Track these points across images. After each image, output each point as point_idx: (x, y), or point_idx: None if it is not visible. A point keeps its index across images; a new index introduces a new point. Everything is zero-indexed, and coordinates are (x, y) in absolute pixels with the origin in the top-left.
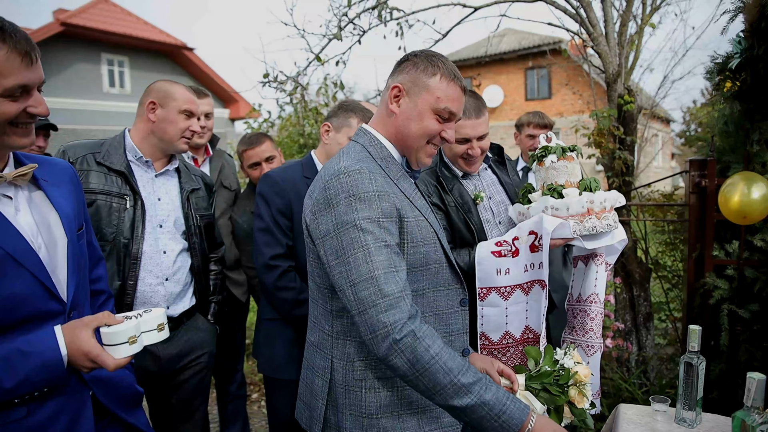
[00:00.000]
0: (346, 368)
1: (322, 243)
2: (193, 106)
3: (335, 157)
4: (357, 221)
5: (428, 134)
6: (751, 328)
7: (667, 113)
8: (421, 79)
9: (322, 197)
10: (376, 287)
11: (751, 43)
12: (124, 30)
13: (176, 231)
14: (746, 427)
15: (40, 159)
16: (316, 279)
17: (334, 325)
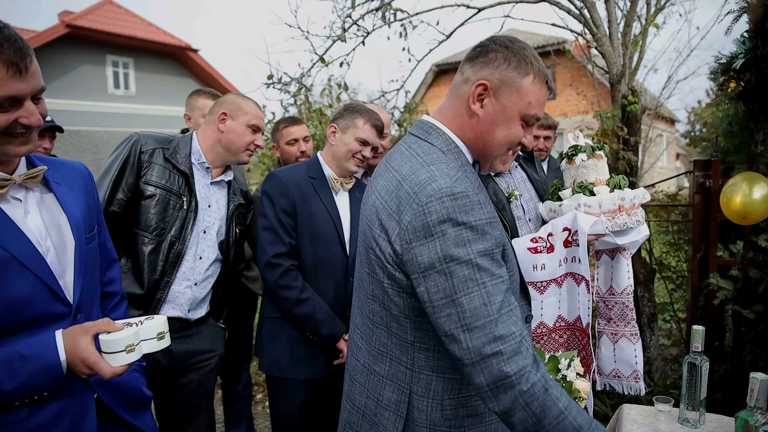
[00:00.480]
0: (431, 406)
1: (422, 277)
2: (260, 122)
3: (413, 162)
4: (470, 256)
5: (513, 142)
6: (755, 328)
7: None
8: (513, 78)
9: (420, 223)
10: (496, 333)
11: (756, 43)
12: (128, 32)
13: (216, 240)
14: (749, 427)
15: (53, 161)
16: (391, 306)
17: (414, 358)
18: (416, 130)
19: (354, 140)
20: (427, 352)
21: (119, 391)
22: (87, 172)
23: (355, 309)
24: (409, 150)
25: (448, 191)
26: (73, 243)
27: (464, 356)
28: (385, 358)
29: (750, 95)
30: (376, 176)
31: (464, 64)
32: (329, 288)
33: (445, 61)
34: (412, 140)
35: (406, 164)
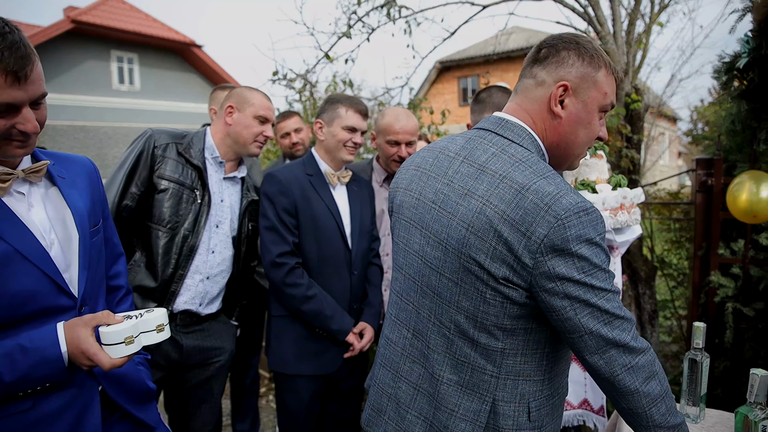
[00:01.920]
0: (519, 410)
1: (562, 285)
2: (268, 112)
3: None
4: (602, 265)
5: (593, 139)
6: (756, 326)
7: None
8: (590, 73)
9: (559, 238)
10: (626, 322)
11: (759, 42)
12: (133, 27)
13: (229, 234)
14: (749, 423)
15: (58, 155)
16: (486, 317)
17: (502, 365)
18: (505, 131)
19: (341, 129)
20: (515, 357)
21: (124, 383)
22: (92, 166)
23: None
24: (505, 153)
25: (582, 207)
26: (77, 237)
27: (609, 342)
28: (465, 367)
29: (753, 94)
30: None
31: (533, 66)
32: (335, 283)
33: (449, 57)
34: (503, 142)
35: (516, 172)
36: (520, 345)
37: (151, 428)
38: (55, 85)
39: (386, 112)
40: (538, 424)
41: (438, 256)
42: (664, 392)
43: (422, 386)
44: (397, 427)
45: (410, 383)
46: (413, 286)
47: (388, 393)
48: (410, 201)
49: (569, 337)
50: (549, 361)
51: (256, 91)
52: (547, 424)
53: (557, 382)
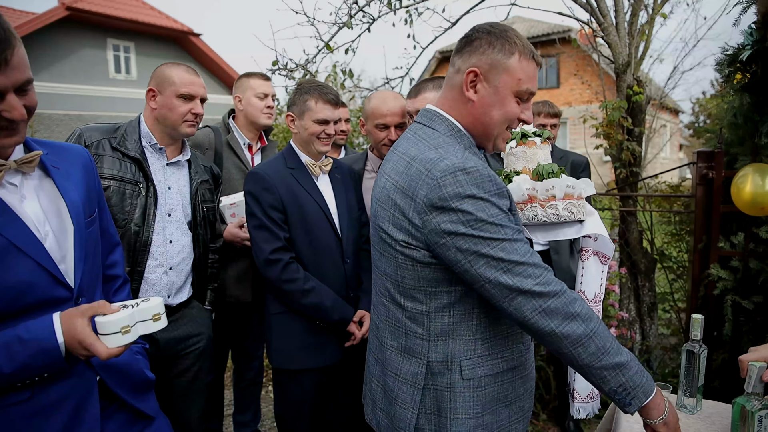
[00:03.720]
0: (451, 370)
1: (451, 240)
2: (192, 88)
3: (421, 146)
4: (491, 219)
5: (510, 119)
6: (754, 318)
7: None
8: (500, 60)
9: (436, 196)
10: (530, 267)
11: (763, 34)
12: (130, 15)
13: (183, 221)
14: (746, 413)
15: (53, 145)
16: (406, 281)
17: (431, 327)
18: (421, 118)
19: (312, 123)
20: (443, 318)
21: (122, 374)
22: (87, 155)
23: (373, 291)
24: (415, 136)
25: (460, 166)
26: (72, 228)
27: (512, 289)
28: (400, 333)
29: (756, 87)
30: (386, 162)
31: (454, 56)
32: (330, 273)
33: (449, 48)
34: (417, 127)
35: (413, 148)
36: (445, 307)
37: (150, 418)
38: (50, 74)
39: (372, 96)
40: (474, 383)
41: (372, 232)
42: (591, 332)
43: (378, 356)
44: (371, 396)
45: (373, 354)
46: (372, 266)
47: (366, 367)
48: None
49: (475, 288)
50: (482, 322)
51: (177, 67)
52: (487, 384)
53: (499, 344)
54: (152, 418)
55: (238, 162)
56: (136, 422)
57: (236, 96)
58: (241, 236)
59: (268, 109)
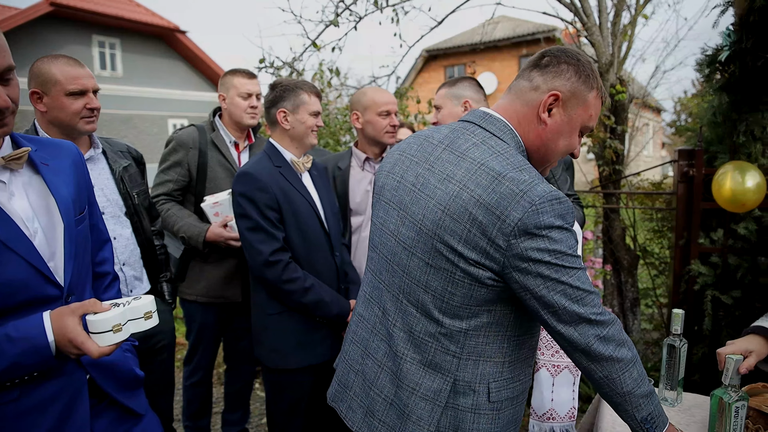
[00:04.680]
0: (479, 390)
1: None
2: (80, 82)
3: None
4: (572, 249)
5: (570, 151)
6: (733, 313)
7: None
8: (582, 91)
9: (532, 222)
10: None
11: (740, 36)
12: (115, 11)
13: (119, 213)
14: (723, 404)
15: (42, 141)
16: (453, 298)
17: (465, 345)
18: (488, 125)
19: (308, 116)
20: (477, 338)
21: (112, 371)
22: (77, 151)
23: (381, 292)
24: (485, 144)
25: (555, 195)
26: (62, 225)
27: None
28: (428, 347)
29: (734, 87)
30: (442, 161)
31: (532, 70)
32: (323, 268)
33: (436, 46)
34: (484, 134)
35: (493, 160)
36: (482, 326)
37: (139, 415)
38: None
39: (365, 90)
40: (498, 406)
41: (412, 236)
42: (635, 357)
43: (386, 364)
44: (361, 402)
45: (376, 360)
46: (385, 265)
47: (356, 369)
48: (391, 183)
49: (543, 312)
50: (511, 345)
51: (56, 61)
52: (506, 407)
53: (519, 369)
54: (141, 416)
55: (223, 160)
56: (126, 420)
57: (221, 94)
58: (225, 236)
59: (252, 109)
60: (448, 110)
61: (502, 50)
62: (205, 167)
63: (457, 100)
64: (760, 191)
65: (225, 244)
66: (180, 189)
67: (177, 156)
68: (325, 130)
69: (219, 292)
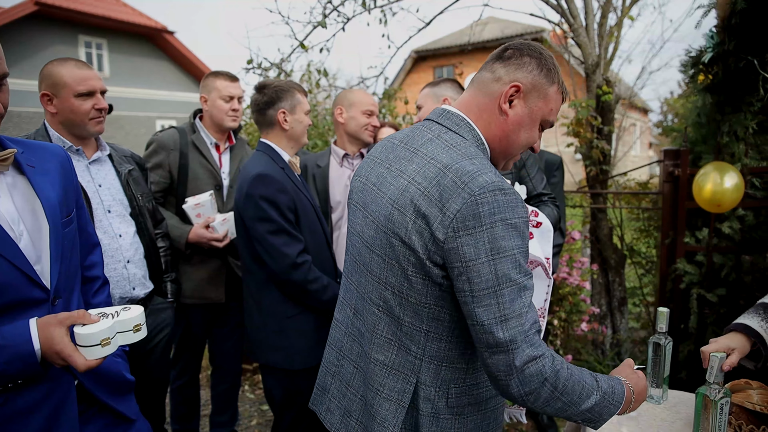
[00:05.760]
0: (438, 395)
1: (465, 266)
2: (89, 83)
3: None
4: (514, 251)
5: (530, 144)
6: (718, 311)
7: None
8: (543, 84)
9: (471, 213)
10: (527, 325)
11: (723, 38)
12: (102, 11)
13: (125, 213)
14: (708, 402)
15: (28, 144)
16: (410, 294)
17: (426, 348)
18: (444, 120)
19: (305, 115)
20: (439, 342)
21: (102, 376)
22: (64, 154)
23: (352, 293)
24: (440, 138)
25: (499, 185)
26: (47, 227)
27: (498, 345)
28: (391, 346)
29: (717, 88)
30: (399, 159)
31: (495, 63)
32: (325, 265)
33: (424, 47)
34: (440, 129)
35: (443, 154)
36: (444, 331)
37: (130, 420)
38: (19, 71)
39: (352, 89)
40: (457, 411)
41: (372, 234)
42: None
43: (360, 365)
44: (339, 404)
45: (351, 361)
46: (355, 266)
47: (332, 371)
48: (358, 186)
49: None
50: (474, 350)
51: (65, 64)
52: (469, 413)
53: (484, 374)
54: (133, 421)
55: (204, 162)
56: (117, 425)
57: (202, 96)
58: (208, 236)
59: (234, 112)
60: (429, 108)
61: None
62: (186, 169)
63: (438, 99)
64: (738, 192)
65: (207, 245)
66: (161, 191)
67: (158, 158)
68: (313, 131)
69: (203, 293)
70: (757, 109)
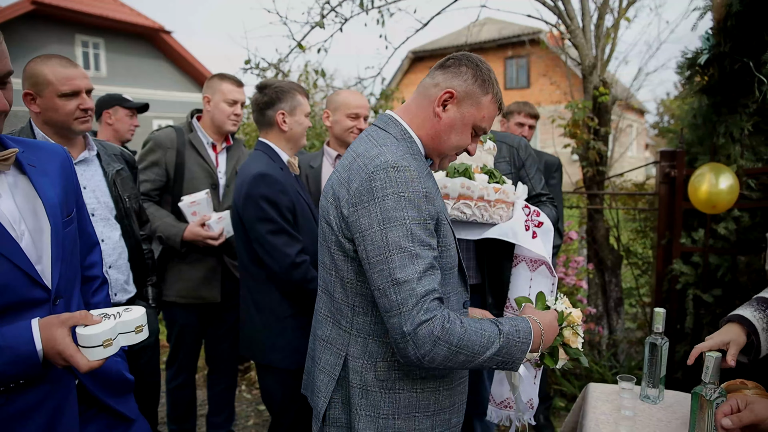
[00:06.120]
0: (365, 367)
1: (362, 236)
2: (73, 83)
3: (368, 144)
4: (405, 221)
5: (461, 147)
6: (713, 311)
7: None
8: (476, 93)
9: (365, 189)
10: (416, 289)
11: (719, 40)
12: (99, 11)
13: (109, 216)
14: (703, 401)
15: (29, 143)
16: (337, 271)
17: (354, 321)
18: (378, 121)
19: (305, 117)
20: (365, 316)
21: (102, 376)
22: (65, 154)
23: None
24: (368, 136)
25: (392, 163)
26: (49, 227)
27: (391, 307)
28: (328, 322)
29: (713, 90)
30: (340, 160)
31: (437, 70)
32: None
33: (422, 48)
34: (371, 129)
35: (362, 146)
36: (368, 305)
37: (130, 420)
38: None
39: (339, 92)
40: (387, 385)
41: (320, 223)
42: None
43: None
44: (313, 380)
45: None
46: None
47: (311, 355)
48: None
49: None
50: None
51: (49, 61)
52: (401, 389)
53: None
54: (132, 421)
55: (200, 161)
56: (117, 425)
57: (206, 96)
58: (203, 234)
59: (235, 117)
60: None
61: (487, 52)
62: (182, 167)
63: None
64: (733, 193)
65: (203, 244)
66: (157, 189)
67: (154, 156)
68: (311, 132)
69: (198, 292)
70: (753, 110)
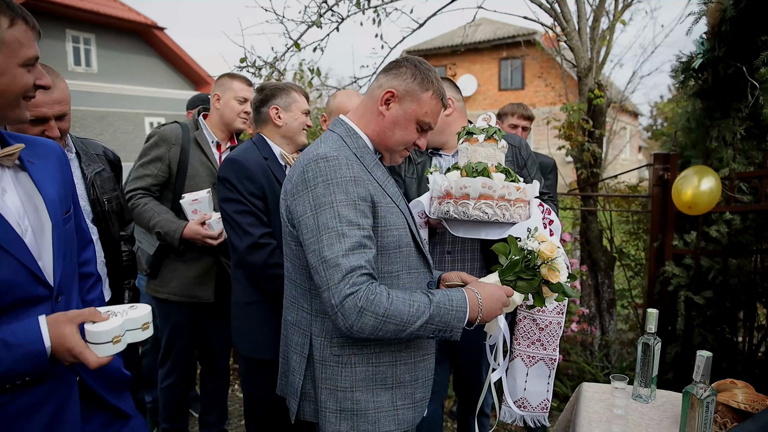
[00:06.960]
0: (323, 344)
1: (299, 223)
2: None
3: (313, 144)
4: (333, 204)
5: (408, 142)
6: (704, 313)
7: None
8: (416, 90)
9: (300, 180)
10: (342, 265)
11: (713, 45)
12: (90, 6)
13: (89, 219)
14: (694, 400)
15: (26, 139)
16: (295, 261)
17: (313, 303)
18: (330, 125)
19: (301, 114)
20: (320, 297)
21: (102, 372)
22: (60, 150)
23: None
24: (321, 139)
25: (323, 155)
26: (50, 224)
27: (322, 283)
28: (294, 307)
29: (707, 93)
30: None
31: (380, 73)
32: None
33: (416, 47)
34: (325, 132)
35: (309, 147)
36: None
37: (127, 416)
38: None
39: (338, 93)
40: (343, 360)
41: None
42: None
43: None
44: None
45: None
46: None
47: (285, 341)
48: None
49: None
50: None
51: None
52: (357, 364)
53: None
54: (129, 416)
55: (204, 159)
56: (115, 421)
57: (215, 94)
58: (203, 233)
59: (245, 115)
60: None
61: (482, 52)
62: (185, 164)
63: None
64: (712, 195)
65: (201, 242)
66: (158, 184)
67: (158, 151)
68: (309, 132)
69: (191, 291)
70: (745, 115)
